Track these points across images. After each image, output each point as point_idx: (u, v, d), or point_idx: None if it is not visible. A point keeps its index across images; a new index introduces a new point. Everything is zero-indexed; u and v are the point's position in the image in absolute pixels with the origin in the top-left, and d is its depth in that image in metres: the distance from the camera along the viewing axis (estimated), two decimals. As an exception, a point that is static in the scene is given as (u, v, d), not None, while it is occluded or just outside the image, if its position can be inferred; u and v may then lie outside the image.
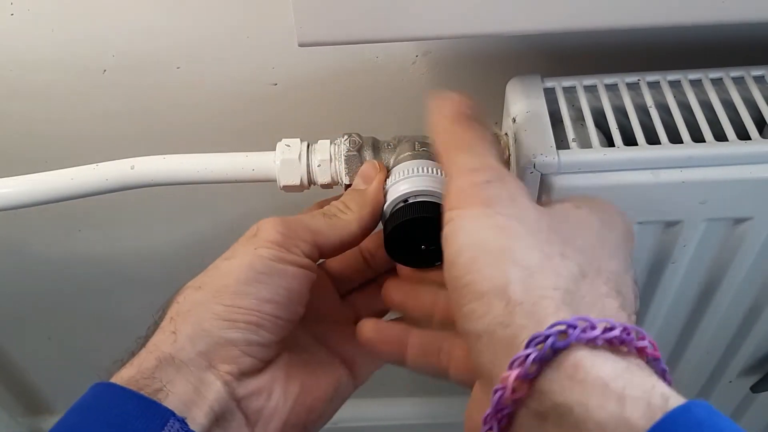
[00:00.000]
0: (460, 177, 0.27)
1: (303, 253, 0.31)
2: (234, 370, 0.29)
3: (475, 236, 0.24)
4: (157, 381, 0.27)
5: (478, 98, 0.49)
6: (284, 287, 0.30)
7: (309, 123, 0.51)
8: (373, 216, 0.34)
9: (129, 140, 0.52)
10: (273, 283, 0.30)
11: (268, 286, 0.29)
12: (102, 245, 0.62)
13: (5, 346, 0.76)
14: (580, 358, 0.21)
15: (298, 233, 0.31)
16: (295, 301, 0.31)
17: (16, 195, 0.39)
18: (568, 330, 0.21)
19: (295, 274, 0.30)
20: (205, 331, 0.29)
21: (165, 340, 0.29)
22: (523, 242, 0.24)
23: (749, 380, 0.53)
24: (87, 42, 0.46)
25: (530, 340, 0.21)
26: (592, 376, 0.20)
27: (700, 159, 0.35)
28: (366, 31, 0.32)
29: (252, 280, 0.29)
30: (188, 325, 0.29)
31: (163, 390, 0.27)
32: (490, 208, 0.25)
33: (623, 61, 0.45)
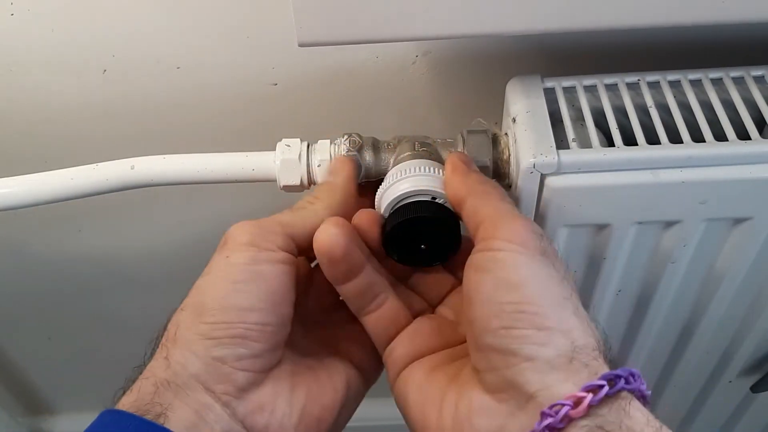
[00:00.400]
0: (516, 218, 0.29)
1: (278, 247, 0.30)
2: (230, 388, 0.28)
3: (541, 276, 0.27)
4: (158, 405, 0.27)
5: (478, 98, 0.49)
6: (264, 291, 0.29)
7: (309, 123, 0.51)
8: (343, 204, 0.33)
9: (129, 140, 0.52)
10: (252, 290, 0.29)
11: (247, 294, 0.29)
12: (102, 245, 0.62)
13: (5, 346, 0.76)
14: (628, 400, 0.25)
15: (268, 228, 0.31)
16: (279, 302, 0.30)
17: (16, 195, 0.39)
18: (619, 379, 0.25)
19: (274, 272, 0.29)
20: (194, 354, 0.28)
21: (159, 366, 0.28)
22: (575, 298, 0.27)
23: (749, 380, 0.53)
24: (87, 42, 0.46)
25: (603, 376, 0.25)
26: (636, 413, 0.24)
27: (700, 159, 0.35)
28: (366, 31, 0.32)
29: (230, 292, 0.29)
30: (177, 350, 0.28)
31: (164, 414, 0.27)
32: (547, 258, 0.28)
33: (623, 61, 0.45)
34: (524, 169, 0.35)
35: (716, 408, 0.56)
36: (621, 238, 0.39)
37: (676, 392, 0.54)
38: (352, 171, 0.35)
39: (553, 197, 0.36)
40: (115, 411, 0.27)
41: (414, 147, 0.37)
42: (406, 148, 0.37)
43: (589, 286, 0.42)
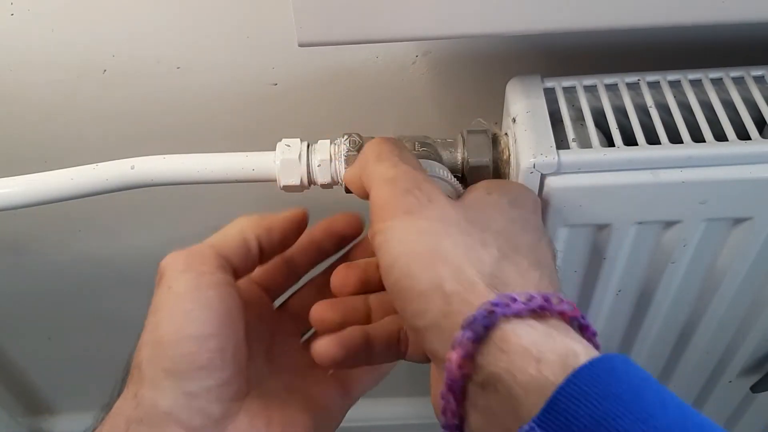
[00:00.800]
0: (380, 189, 0.29)
1: (214, 268, 0.30)
2: (206, 422, 0.28)
3: (405, 244, 0.27)
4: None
5: (478, 98, 0.49)
6: (216, 315, 0.29)
7: (309, 123, 0.51)
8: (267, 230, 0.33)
9: (129, 140, 0.52)
10: (205, 317, 0.28)
11: (201, 322, 0.28)
12: (102, 245, 0.62)
13: (5, 346, 0.76)
14: (506, 331, 0.24)
15: (200, 252, 0.30)
16: (232, 324, 0.29)
17: (16, 195, 0.39)
18: (494, 308, 0.24)
19: (219, 296, 0.29)
20: (163, 391, 0.27)
21: (128, 405, 0.28)
22: (447, 240, 0.27)
23: (749, 380, 0.53)
24: (87, 42, 0.46)
25: (465, 324, 0.24)
26: (515, 345, 0.23)
27: (700, 159, 0.35)
28: (366, 31, 0.32)
29: (183, 323, 0.28)
30: (146, 388, 0.28)
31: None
32: (412, 215, 0.27)
33: (623, 61, 0.45)
34: (524, 169, 0.35)
35: (716, 408, 0.56)
36: (621, 238, 0.39)
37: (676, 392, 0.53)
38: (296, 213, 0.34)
39: (553, 197, 0.36)
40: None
41: (414, 147, 0.37)
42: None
43: (589, 286, 0.42)
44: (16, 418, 0.84)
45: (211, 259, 0.30)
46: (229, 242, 0.32)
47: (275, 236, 0.33)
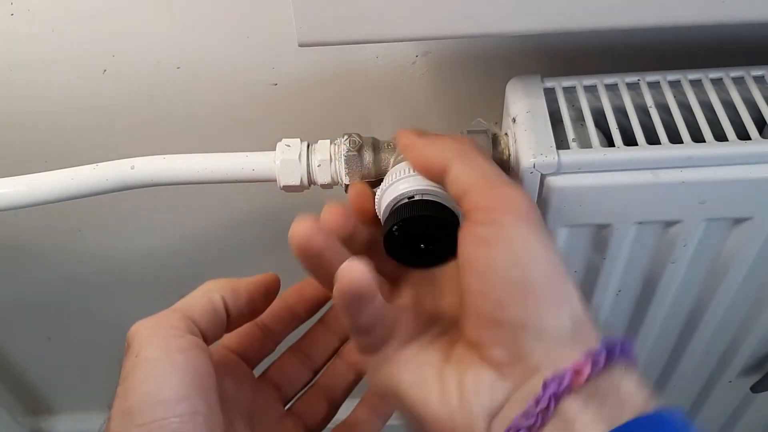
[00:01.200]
0: (509, 186, 0.29)
1: (182, 331, 0.29)
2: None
3: (545, 250, 0.28)
4: None
5: (478, 98, 0.49)
6: (185, 378, 0.28)
7: (309, 123, 0.51)
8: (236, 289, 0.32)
9: (129, 140, 0.52)
10: (173, 381, 0.28)
11: (169, 386, 0.27)
12: (102, 245, 0.62)
13: (5, 346, 0.76)
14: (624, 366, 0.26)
15: (167, 317, 0.30)
16: (203, 386, 0.28)
17: (16, 195, 0.39)
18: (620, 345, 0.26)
19: (188, 359, 0.28)
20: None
21: None
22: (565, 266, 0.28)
23: (749, 380, 0.53)
24: (87, 42, 0.46)
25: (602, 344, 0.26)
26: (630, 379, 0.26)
27: (700, 159, 0.35)
28: (366, 31, 0.32)
29: (152, 388, 0.27)
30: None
31: None
32: (545, 229, 0.28)
33: (623, 61, 0.45)
34: (524, 169, 0.35)
35: (716, 408, 0.56)
36: (621, 238, 0.39)
37: (676, 392, 0.54)
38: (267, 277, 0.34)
39: (553, 197, 0.36)
40: None
41: (414, 147, 0.37)
42: (406, 148, 0.37)
43: (589, 286, 0.42)
44: (16, 418, 0.84)
45: (178, 322, 0.30)
46: (196, 305, 0.31)
47: (242, 299, 0.32)
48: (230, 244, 0.58)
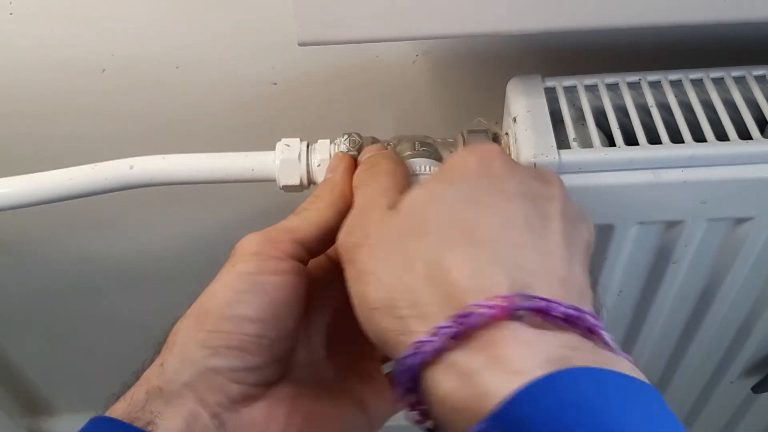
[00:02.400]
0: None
1: (286, 255, 0.29)
2: (222, 400, 0.28)
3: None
4: (148, 413, 0.26)
5: (478, 98, 0.49)
6: (268, 302, 0.28)
7: (309, 123, 0.50)
8: (343, 198, 0.32)
9: (128, 140, 0.52)
10: (255, 301, 0.28)
11: (249, 305, 0.28)
12: (102, 245, 0.62)
13: (5, 346, 0.76)
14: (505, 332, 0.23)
15: (275, 237, 0.30)
16: (281, 315, 0.29)
17: (16, 195, 0.39)
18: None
19: (277, 284, 0.29)
20: (190, 361, 0.27)
21: (153, 373, 0.28)
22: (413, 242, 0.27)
23: (750, 381, 0.53)
24: (86, 42, 0.46)
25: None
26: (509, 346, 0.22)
27: (702, 159, 0.35)
28: (366, 30, 0.32)
29: (232, 301, 0.28)
30: (174, 356, 0.28)
31: (153, 422, 0.26)
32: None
33: (624, 61, 0.45)
34: (525, 169, 0.35)
35: (717, 408, 0.56)
36: (622, 239, 0.38)
37: (677, 392, 0.54)
38: (348, 165, 0.34)
39: (553, 197, 0.36)
40: (105, 418, 0.27)
41: (414, 147, 0.37)
42: (407, 148, 0.37)
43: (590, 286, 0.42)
44: (16, 419, 0.83)
45: (285, 244, 0.30)
46: (309, 227, 0.31)
47: (349, 202, 0.32)
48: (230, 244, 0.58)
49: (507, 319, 0.22)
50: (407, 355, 0.23)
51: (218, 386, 0.28)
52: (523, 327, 0.22)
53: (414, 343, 0.23)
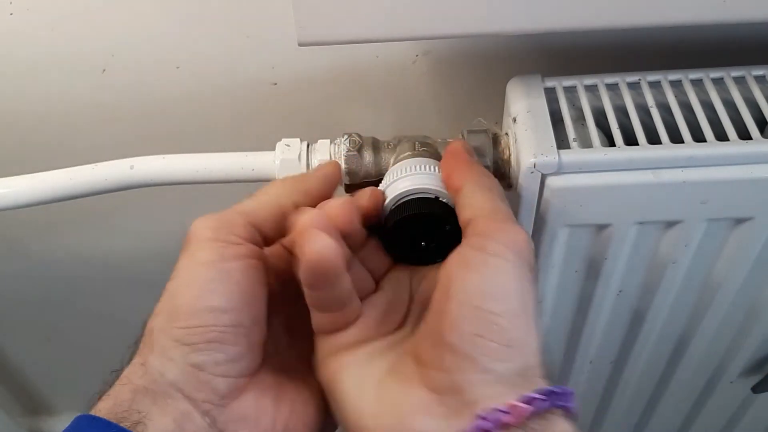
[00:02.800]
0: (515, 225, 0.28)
1: (242, 239, 0.29)
2: (211, 396, 0.27)
3: (524, 293, 0.27)
4: (135, 413, 0.26)
5: (478, 98, 0.49)
6: (235, 290, 0.28)
7: (309, 123, 0.50)
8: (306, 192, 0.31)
9: (128, 140, 0.52)
10: (224, 289, 0.28)
11: (219, 294, 0.27)
12: (102, 245, 0.62)
13: (5, 346, 0.76)
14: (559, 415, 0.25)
15: (230, 220, 0.29)
16: (250, 300, 0.28)
17: (16, 195, 0.39)
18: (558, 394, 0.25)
19: (241, 269, 0.28)
20: (171, 360, 0.27)
21: (135, 372, 0.27)
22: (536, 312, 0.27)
23: (750, 381, 0.53)
24: (86, 42, 0.46)
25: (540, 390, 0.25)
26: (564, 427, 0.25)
27: (701, 159, 0.35)
28: (366, 31, 0.32)
29: (201, 293, 0.27)
30: (154, 356, 0.27)
31: (141, 423, 0.26)
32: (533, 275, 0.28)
33: (624, 61, 0.45)
34: (525, 169, 0.35)
35: (717, 408, 0.56)
36: (622, 239, 0.38)
37: (677, 392, 0.54)
38: (329, 169, 0.33)
39: (553, 197, 0.36)
40: (91, 416, 0.26)
41: (414, 147, 0.37)
42: (407, 148, 0.37)
43: (589, 286, 0.42)
44: (15, 419, 0.83)
45: (240, 228, 0.29)
46: (263, 211, 0.30)
47: (313, 200, 0.31)
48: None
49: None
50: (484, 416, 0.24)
51: (204, 382, 0.27)
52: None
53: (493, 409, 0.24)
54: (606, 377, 0.52)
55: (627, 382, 0.52)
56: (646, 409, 0.56)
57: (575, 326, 0.46)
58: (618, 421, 0.58)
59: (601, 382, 0.53)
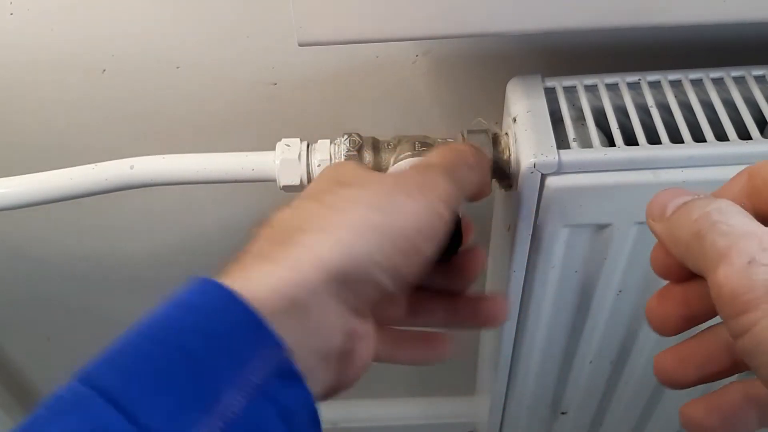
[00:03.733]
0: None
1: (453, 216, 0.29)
2: (360, 310, 0.27)
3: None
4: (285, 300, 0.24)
5: (478, 98, 0.49)
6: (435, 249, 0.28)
7: (309, 123, 0.50)
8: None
9: (128, 140, 0.52)
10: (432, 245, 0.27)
11: (432, 245, 0.27)
12: (102, 245, 0.62)
13: (4, 346, 0.76)
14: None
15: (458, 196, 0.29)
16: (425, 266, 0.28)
17: (16, 195, 0.39)
18: None
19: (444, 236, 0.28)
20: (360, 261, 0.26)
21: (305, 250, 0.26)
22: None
23: (750, 380, 0.53)
24: (87, 42, 0.46)
25: None
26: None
27: (701, 159, 0.35)
28: (366, 31, 0.32)
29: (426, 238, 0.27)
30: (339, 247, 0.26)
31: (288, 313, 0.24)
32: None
33: (624, 61, 0.45)
34: (525, 169, 0.35)
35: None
36: (622, 239, 0.38)
37: (677, 392, 0.54)
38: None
39: (553, 197, 0.36)
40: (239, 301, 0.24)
41: (414, 147, 0.37)
42: (407, 148, 0.37)
43: (589, 286, 0.42)
44: (15, 418, 0.83)
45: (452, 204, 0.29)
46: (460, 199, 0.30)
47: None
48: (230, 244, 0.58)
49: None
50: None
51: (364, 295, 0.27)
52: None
53: None
54: (606, 377, 0.52)
55: (627, 382, 0.52)
56: (646, 409, 0.56)
57: (575, 326, 0.46)
58: (618, 421, 0.58)
59: (601, 382, 0.53)
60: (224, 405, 0.21)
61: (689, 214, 0.23)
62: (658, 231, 0.24)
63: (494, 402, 0.55)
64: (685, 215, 0.23)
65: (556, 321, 0.46)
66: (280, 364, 0.23)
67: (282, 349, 0.23)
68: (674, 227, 0.23)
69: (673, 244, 0.23)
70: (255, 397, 0.22)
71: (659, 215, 0.24)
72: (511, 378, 0.52)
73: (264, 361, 0.22)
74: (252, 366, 0.22)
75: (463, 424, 0.80)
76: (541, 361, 0.50)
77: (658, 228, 0.24)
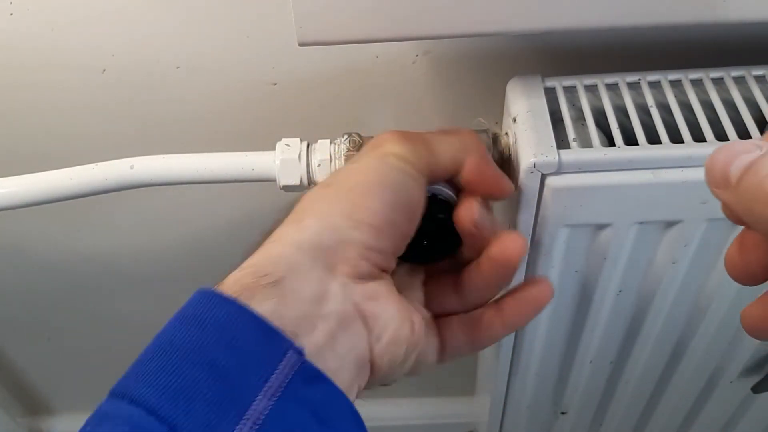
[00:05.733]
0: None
1: (420, 172, 0.30)
2: (351, 271, 0.28)
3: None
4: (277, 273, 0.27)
5: (478, 98, 0.49)
6: (407, 196, 0.29)
7: (309, 123, 0.50)
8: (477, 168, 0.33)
9: (128, 140, 0.52)
10: (398, 190, 0.29)
11: (393, 192, 0.29)
12: (102, 245, 0.62)
13: (4, 346, 0.76)
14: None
15: (420, 152, 0.31)
16: (411, 215, 0.30)
17: (16, 195, 0.39)
18: None
19: (416, 186, 0.30)
20: (332, 226, 0.28)
21: (289, 231, 0.28)
22: None
23: (750, 381, 0.53)
24: (87, 42, 0.46)
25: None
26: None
27: (701, 159, 0.35)
28: (366, 31, 0.32)
29: (378, 183, 0.29)
30: (315, 219, 0.28)
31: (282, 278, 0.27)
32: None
33: (624, 61, 0.45)
34: (525, 169, 0.35)
35: (717, 408, 0.56)
36: (622, 238, 0.38)
37: (677, 392, 0.54)
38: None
39: (553, 197, 0.36)
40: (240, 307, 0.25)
41: (414, 147, 0.37)
42: (407, 148, 0.37)
43: (589, 286, 0.42)
44: (15, 419, 0.83)
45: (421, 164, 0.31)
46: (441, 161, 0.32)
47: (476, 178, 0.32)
48: (230, 244, 0.58)
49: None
50: None
51: (350, 259, 0.28)
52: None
53: None
54: (606, 377, 0.52)
55: (627, 382, 0.52)
56: (646, 409, 0.56)
57: (575, 326, 0.46)
58: (618, 421, 0.58)
59: (601, 382, 0.53)
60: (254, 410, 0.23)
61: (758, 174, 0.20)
62: (726, 200, 0.22)
63: (494, 402, 0.55)
64: (755, 178, 0.20)
65: (556, 321, 0.46)
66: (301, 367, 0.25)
67: (298, 352, 0.25)
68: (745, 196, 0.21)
69: (747, 213, 0.21)
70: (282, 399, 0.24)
71: (723, 182, 0.22)
72: (511, 378, 0.52)
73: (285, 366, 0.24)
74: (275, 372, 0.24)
75: (463, 424, 0.80)
76: (541, 361, 0.50)
77: (725, 197, 0.22)
